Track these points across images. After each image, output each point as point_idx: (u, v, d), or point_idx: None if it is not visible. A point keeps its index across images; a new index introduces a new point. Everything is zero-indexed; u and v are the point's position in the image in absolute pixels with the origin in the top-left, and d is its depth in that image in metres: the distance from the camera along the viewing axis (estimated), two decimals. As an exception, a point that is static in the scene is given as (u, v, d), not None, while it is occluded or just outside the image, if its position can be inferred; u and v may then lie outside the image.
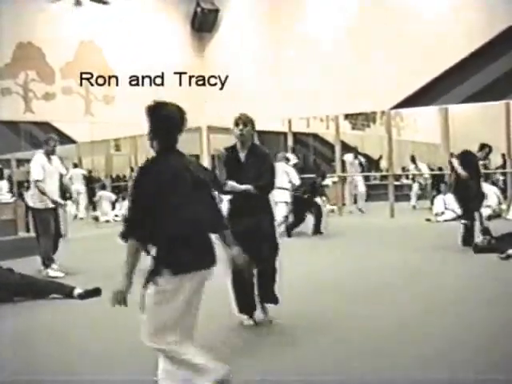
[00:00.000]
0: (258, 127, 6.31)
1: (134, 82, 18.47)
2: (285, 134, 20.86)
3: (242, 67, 19.58)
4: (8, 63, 16.85)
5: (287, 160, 14.84)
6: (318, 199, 14.89)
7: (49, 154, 10.28)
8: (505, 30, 15.13)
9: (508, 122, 16.19)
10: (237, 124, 6.42)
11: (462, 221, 11.42)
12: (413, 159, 21.53)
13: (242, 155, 6.46)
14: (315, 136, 25.99)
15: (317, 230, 14.43)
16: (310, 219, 14.63)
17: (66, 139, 18.11)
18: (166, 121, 4.09)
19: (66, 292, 8.10)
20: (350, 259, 10.68)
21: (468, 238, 11.05)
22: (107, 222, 19.90)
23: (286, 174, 13.94)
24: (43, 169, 10.10)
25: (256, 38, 19.91)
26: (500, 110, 16.54)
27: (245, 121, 6.43)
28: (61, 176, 10.68)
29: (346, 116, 23.07)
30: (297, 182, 14.29)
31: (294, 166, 16.39)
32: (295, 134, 21.37)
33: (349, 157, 20.10)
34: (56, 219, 10.34)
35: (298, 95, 18.03)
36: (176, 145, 4.15)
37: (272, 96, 18.64)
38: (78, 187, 20.12)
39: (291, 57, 18.64)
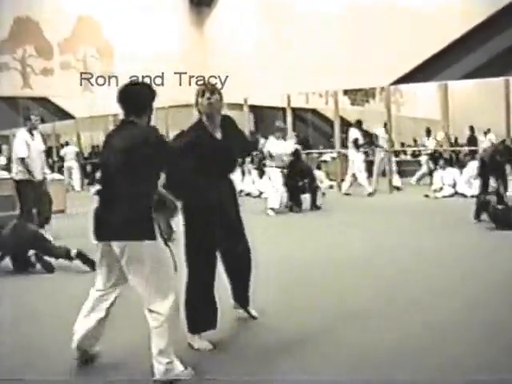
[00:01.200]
0: (257, 102, 5.90)
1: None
2: (284, 109, 20.81)
3: (241, 42, 19.50)
4: (6, 38, 16.76)
5: (282, 131, 14.74)
6: (316, 173, 14.90)
7: (31, 130, 10.63)
8: (505, 6, 15.06)
9: (507, 99, 16.12)
10: (203, 93, 5.23)
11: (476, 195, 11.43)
12: (428, 132, 21.00)
13: (217, 133, 5.27)
14: (314, 111, 25.96)
15: (313, 205, 14.43)
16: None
17: (64, 115, 18.11)
18: (121, 98, 4.40)
19: (63, 254, 8.04)
20: (347, 236, 10.67)
21: (481, 212, 11.01)
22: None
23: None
24: (27, 145, 10.43)
25: (255, 13, 19.82)
26: (499, 86, 16.48)
27: (211, 89, 5.25)
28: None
29: (346, 92, 23.02)
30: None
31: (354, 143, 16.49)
32: (294, 110, 21.32)
33: (381, 131, 19.57)
34: (38, 192, 10.79)
35: (298, 71, 17.98)
36: (131, 119, 4.37)
37: (271, 71, 18.59)
38: (71, 164, 20.04)
39: (291, 32, 18.56)
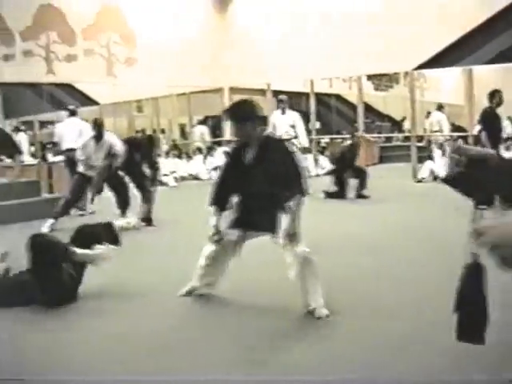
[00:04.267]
0: (281, 87, 5.88)
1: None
2: (307, 94, 20.74)
3: (264, 26, 19.43)
4: (30, 25, 16.82)
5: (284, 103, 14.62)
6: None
7: (97, 139, 11.00)
8: (531, -10, 14.89)
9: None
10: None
11: None
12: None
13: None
14: (338, 97, 25.86)
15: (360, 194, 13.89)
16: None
17: (87, 101, 18.18)
18: None
19: None
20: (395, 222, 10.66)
21: None
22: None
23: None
24: (86, 151, 10.97)
25: (279, -1, 19.73)
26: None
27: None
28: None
29: (369, 77, 22.87)
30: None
31: None
32: (317, 95, 21.25)
33: (439, 115, 18.96)
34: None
35: (321, 55, 17.90)
36: None
37: (294, 56, 18.52)
38: None
39: (314, 16, 18.46)
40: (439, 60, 16.30)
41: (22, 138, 18.36)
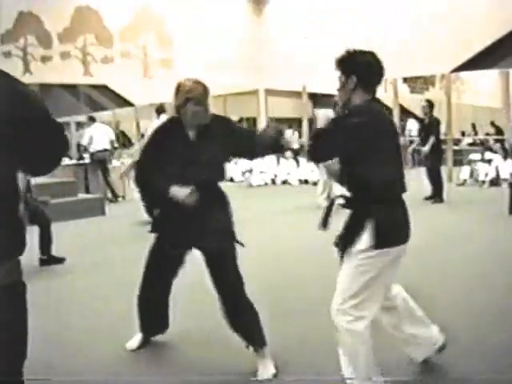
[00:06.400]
0: (314, 90, 5.36)
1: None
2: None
3: (298, 28, 19.42)
4: (67, 27, 17.01)
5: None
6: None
7: None
8: None
9: None
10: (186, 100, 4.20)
11: None
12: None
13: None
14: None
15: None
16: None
17: (123, 102, 18.30)
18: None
19: None
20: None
21: None
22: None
23: None
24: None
25: (313, 1, 19.71)
26: None
27: (200, 97, 4.23)
28: None
29: (405, 79, 22.73)
30: None
31: None
32: (353, 97, 21.12)
33: None
34: None
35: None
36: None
37: (330, 58, 18.47)
38: None
39: (348, 18, 18.41)
40: (476, 62, 16.14)
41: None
